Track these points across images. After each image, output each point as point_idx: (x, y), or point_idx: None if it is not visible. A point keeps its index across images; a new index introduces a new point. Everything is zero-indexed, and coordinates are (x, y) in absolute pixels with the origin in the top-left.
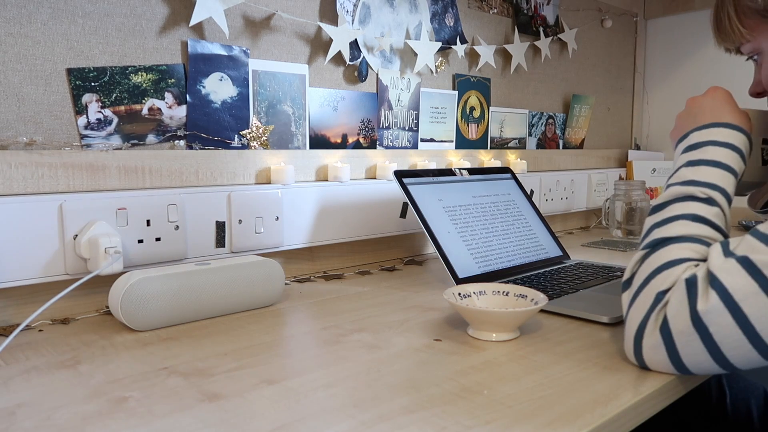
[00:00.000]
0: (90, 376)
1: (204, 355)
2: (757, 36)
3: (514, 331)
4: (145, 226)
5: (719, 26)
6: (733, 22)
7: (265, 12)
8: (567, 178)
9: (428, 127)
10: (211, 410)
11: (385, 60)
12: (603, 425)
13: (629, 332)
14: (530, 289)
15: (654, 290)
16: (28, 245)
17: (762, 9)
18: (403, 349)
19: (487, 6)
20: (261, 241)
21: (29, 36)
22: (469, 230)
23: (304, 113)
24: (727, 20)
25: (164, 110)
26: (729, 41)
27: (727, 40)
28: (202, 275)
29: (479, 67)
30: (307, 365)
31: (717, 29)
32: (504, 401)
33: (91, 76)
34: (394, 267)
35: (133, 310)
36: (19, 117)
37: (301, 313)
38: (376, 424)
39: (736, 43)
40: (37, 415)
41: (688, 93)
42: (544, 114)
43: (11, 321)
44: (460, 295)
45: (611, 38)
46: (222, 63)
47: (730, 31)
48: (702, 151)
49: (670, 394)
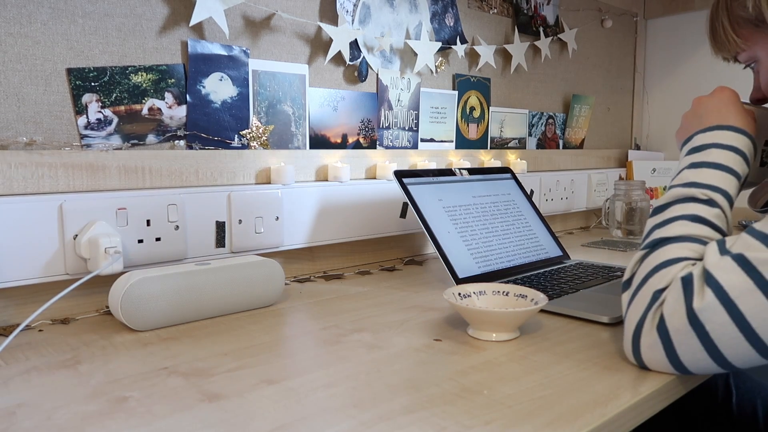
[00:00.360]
0: (90, 376)
1: (204, 355)
2: (752, 45)
3: (514, 331)
4: (145, 226)
5: (715, 36)
6: (727, 32)
7: (265, 12)
8: (567, 178)
9: (428, 127)
10: (211, 410)
11: (385, 60)
12: (603, 425)
13: (628, 332)
14: (530, 289)
15: (651, 289)
16: (28, 245)
17: (754, 18)
18: (403, 349)
19: (487, 6)
20: (261, 241)
21: (29, 36)
22: (469, 230)
23: (304, 113)
24: (721, 30)
25: (164, 110)
26: (725, 51)
27: (723, 49)
28: (202, 275)
29: (479, 67)
30: (307, 365)
31: (713, 39)
32: (504, 401)
33: (91, 76)
34: (394, 267)
35: (133, 310)
36: (19, 117)
37: (301, 313)
38: (376, 424)
39: (732, 52)
40: (37, 415)
41: (688, 93)
42: (544, 114)
43: (11, 321)
44: (460, 295)
45: (611, 38)
46: (222, 63)
47: (725, 41)
48: (705, 153)
49: (670, 394)
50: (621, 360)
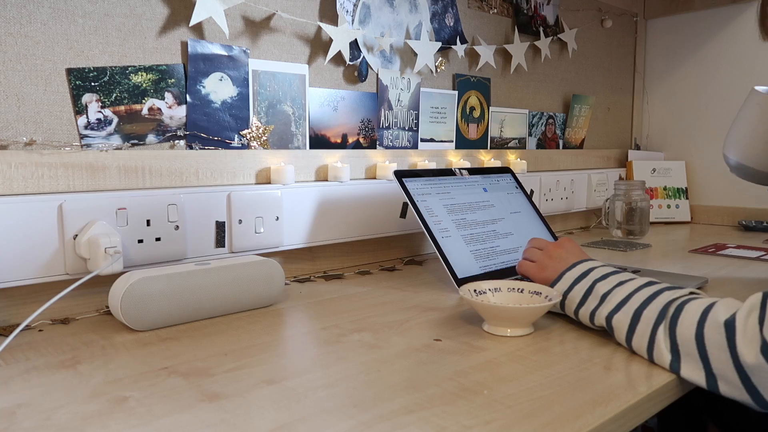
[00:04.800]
0: (90, 376)
1: (204, 355)
2: None
3: (528, 327)
4: (145, 226)
5: (764, 22)
6: None
7: (265, 12)
8: (567, 178)
9: (428, 127)
10: (211, 410)
11: (385, 60)
12: (603, 425)
13: None
14: (544, 286)
15: None
16: (28, 245)
17: None
18: (403, 349)
19: (487, 6)
20: (261, 241)
21: (29, 36)
22: (469, 230)
23: (304, 113)
24: None
25: (164, 110)
26: None
27: None
28: (202, 275)
29: (479, 67)
30: (307, 365)
31: (763, 24)
32: (504, 401)
33: (91, 76)
34: (394, 267)
35: (133, 310)
36: (19, 117)
37: (301, 313)
38: (376, 424)
39: None
40: (37, 415)
41: (688, 93)
42: (544, 114)
43: (11, 321)
44: (475, 291)
45: (611, 38)
46: (222, 63)
47: None
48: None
49: (670, 394)
50: (621, 360)
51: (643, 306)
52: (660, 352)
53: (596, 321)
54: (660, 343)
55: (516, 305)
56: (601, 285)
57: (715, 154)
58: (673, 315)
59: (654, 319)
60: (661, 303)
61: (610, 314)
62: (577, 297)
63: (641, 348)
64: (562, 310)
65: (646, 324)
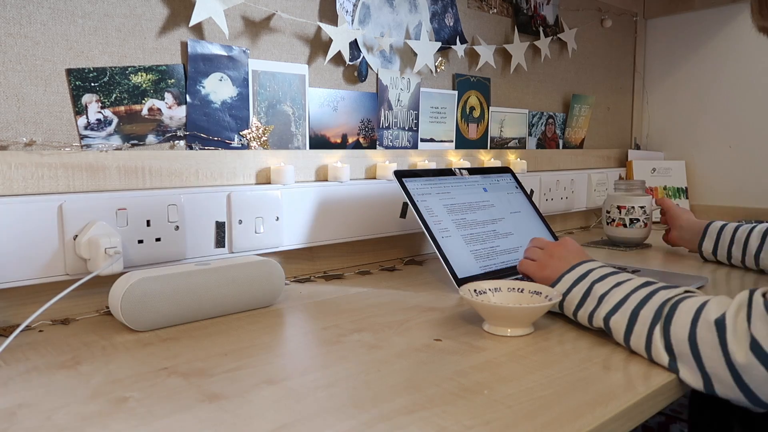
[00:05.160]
0: (90, 376)
1: (204, 355)
2: None
3: (528, 327)
4: (145, 227)
5: (761, 6)
6: None
7: (265, 12)
8: (567, 178)
9: (428, 127)
10: (211, 410)
11: (385, 60)
12: (603, 425)
13: None
14: (544, 286)
15: None
16: (28, 245)
17: None
18: (403, 349)
19: (486, 6)
20: (261, 241)
21: (29, 36)
22: (469, 230)
23: (304, 113)
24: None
25: (164, 110)
26: None
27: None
28: (202, 275)
29: (479, 67)
30: (307, 365)
31: (761, 13)
32: (504, 401)
33: (90, 77)
34: (394, 267)
35: (133, 310)
36: (19, 117)
37: (301, 313)
38: (376, 424)
39: None
40: (38, 416)
41: (688, 93)
42: (544, 114)
43: (11, 321)
44: (475, 291)
45: (611, 38)
46: (222, 63)
47: None
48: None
49: (670, 394)
50: (621, 360)
51: (640, 306)
52: (658, 351)
53: (595, 322)
54: (657, 343)
55: (516, 305)
56: (599, 286)
57: (715, 154)
58: (668, 315)
59: (650, 319)
60: (657, 303)
61: (607, 315)
62: (576, 298)
63: (640, 348)
64: (561, 311)
65: (642, 324)
